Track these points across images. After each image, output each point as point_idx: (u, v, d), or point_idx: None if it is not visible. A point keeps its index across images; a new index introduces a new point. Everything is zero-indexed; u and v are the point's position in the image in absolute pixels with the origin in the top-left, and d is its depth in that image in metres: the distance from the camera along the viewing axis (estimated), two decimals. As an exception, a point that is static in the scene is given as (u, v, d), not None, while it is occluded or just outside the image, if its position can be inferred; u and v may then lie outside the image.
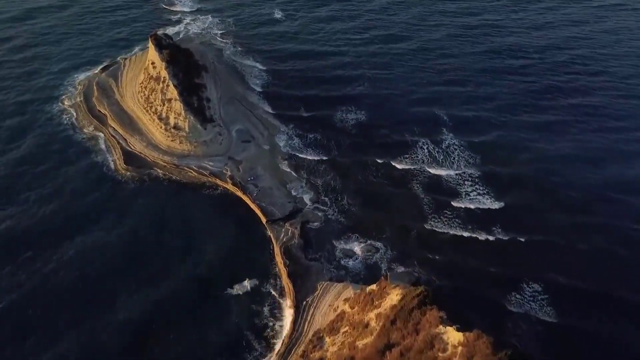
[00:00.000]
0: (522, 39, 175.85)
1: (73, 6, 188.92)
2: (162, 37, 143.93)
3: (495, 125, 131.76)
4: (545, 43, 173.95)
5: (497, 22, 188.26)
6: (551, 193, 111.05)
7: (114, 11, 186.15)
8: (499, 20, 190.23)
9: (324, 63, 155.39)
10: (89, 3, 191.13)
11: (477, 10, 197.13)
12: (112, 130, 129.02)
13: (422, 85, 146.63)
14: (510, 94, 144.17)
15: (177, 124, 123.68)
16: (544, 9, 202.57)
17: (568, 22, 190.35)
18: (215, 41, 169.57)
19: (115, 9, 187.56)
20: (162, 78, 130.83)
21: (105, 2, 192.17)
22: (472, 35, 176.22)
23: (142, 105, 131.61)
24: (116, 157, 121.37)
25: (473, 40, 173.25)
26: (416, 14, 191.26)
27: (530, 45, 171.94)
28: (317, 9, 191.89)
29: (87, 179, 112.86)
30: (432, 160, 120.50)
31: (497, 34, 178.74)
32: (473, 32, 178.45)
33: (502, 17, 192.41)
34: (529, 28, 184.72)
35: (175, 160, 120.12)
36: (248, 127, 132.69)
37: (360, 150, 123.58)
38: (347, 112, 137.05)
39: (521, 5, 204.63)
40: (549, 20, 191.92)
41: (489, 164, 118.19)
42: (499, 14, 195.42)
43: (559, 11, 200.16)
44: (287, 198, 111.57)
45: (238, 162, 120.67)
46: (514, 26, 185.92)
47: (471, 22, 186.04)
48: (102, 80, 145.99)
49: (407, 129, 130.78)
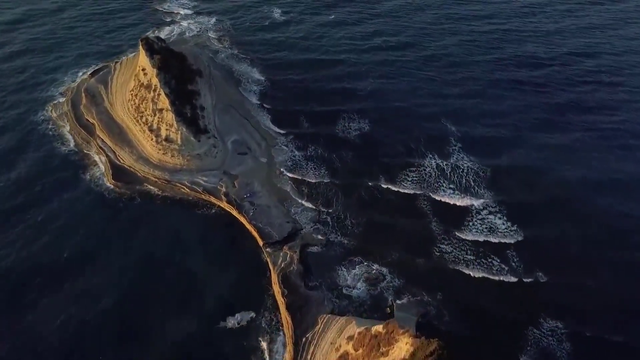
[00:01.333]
0: (537, 46, 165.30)
1: (64, 7, 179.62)
2: (153, 41, 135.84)
3: (508, 143, 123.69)
4: (562, 50, 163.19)
5: (510, 27, 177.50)
6: (572, 223, 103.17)
7: (105, 11, 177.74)
8: (512, 25, 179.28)
9: (326, 69, 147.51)
10: (80, 3, 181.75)
11: (488, 14, 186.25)
12: (101, 142, 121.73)
13: (429, 95, 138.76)
14: (525, 108, 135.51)
15: (169, 136, 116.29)
16: (560, 12, 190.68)
17: (587, 28, 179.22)
18: (211, 43, 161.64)
19: (108, 9, 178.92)
20: (153, 86, 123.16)
21: (97, 3, 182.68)
22: (483, 41, 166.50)
23: (133, 115, 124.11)
24: (104, 172, 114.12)
25: (484, 47, 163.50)
26: (425, 18, 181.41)
27: (546, 53, 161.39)
28: (319, 12, 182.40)
29: (71, 199, 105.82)
30: (440, 179, 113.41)
31: (510, 41, 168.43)
32: (484, 38, 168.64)
33: (515, 22, 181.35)
34: (545, 34, 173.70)
35: (167, 175, 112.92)
36: (244, 137, 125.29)
37: (364, 164, 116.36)
38: (350, 121, 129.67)
39: (535, 9, 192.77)
40: (566, 25, 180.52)
41: (502, 187, 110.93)
42: (512, 18, 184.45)
43: (577, 15, 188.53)
44: (286, 217, 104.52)
45: (233, 177, 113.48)
46: (528, 31, 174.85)
47: (482, 27, 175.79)
48: (91, 86, 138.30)
49: (413, 142, 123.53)
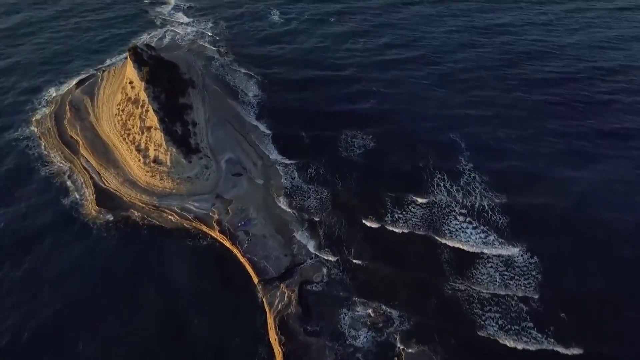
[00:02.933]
0: (545, 47, 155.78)
1: (49, 9, 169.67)
2: (142, 51, 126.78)
3: (521, 155, 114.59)
4: (570, 53, 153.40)
5: (517, 26, 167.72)
6: (594, 247, 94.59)
7: (95, 15, 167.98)
8: (519, 24, 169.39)
9: (328, 79, 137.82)
10: (67, 6, 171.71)
11: (494, 15, 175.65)
12: (85, 161, 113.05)
13: (437, 111, 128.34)
14: (534, 114, 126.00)
15: (158, 157, 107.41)
16: (567, 12, 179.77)
17: (594, 27, 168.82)
18: (206, 49, 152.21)
19: (97, 12, 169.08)
20: (141, 101, 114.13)
21: (86, 6, 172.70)
22: (489, 44, 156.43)
23: (119, 132, 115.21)
24: (88, 195, 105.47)
25: (491, 49, 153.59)
26: (428, 19, 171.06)
27: (555, 55, 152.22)
28: (319, 14, 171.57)
29: (49, 229, 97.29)
30: (450, 200, 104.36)
31: (517, 42, 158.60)
32: (491, 40, 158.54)
33: (522, 21, 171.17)
34: (552, 33, 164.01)
35: (155, 200, 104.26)
36: (240, 155, 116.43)
37: (368, 187, 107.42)
38: (353, 137, 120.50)
39: (541, 8, 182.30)
40: (573, 25, 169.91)
41: (517, 207, 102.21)
42: (519, 17, 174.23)
43: (584, 15, 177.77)
44: (283, 249, 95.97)
45: (227, 201, 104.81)
46: (537, 32, 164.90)
47: (488, 28, 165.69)
48: (76, 98, 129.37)
49: (420, 159, 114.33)
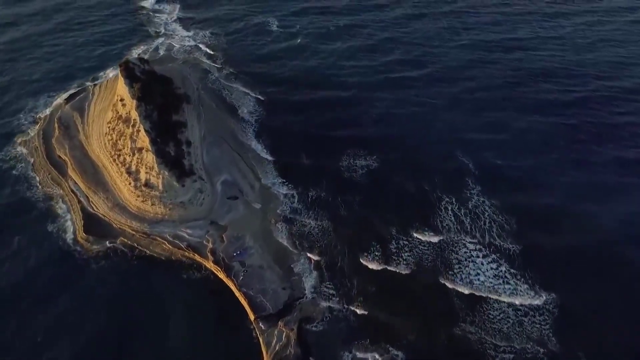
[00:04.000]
0: (559, 64, 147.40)
1: (41, 20, 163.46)
2: (135, 65, 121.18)
3: (534, 183, 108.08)
4: (587, 70, 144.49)
5: (530, 42, 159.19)
6: (616, 285, 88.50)
7: (88, 24, 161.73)
8: (532, 39, 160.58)
9: (328, 93, 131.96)
10: (61, 17, 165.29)
11: (504, 28, 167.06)
12: (73, 184, 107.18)
13: (443, 127, 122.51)
14: (549, 139, 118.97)
15: (149, 180, 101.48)
16: (582, 25, 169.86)
17: (612, 42, 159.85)
18: (203, 61, 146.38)
19: (90, 22, 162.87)
20: (132, 120, 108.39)
21: (79, 15, 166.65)
22: (500, 60, 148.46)
23: (109, 153, 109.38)
24: (75, 222, 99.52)
25: (502, 66, 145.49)
26: (436, 32, 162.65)
27: (570, 72, 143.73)
28: (321, 25, 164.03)
29: (32, 260, 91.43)
30: (459, 230, 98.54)
31: (531, 58, 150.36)
32: (502, 56, 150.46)
33: (535, 36, 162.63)
34: (566, 49, 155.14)
35: (147, 227, 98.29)
36: (236, 177, 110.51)
37: (373, 211, 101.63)
38: (355, 157, 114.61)
39: (554, 21, 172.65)
40: (589, 40, 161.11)
41: (530, 238, 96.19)
42: (532, 32, 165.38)
43: (601, 28, 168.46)
44: (282, 282, 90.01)
45: (222, 228, 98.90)
46: (550, 47, 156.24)
47: (499, 43, 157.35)
48: (65, 114, 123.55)
49: (427, 181, 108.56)
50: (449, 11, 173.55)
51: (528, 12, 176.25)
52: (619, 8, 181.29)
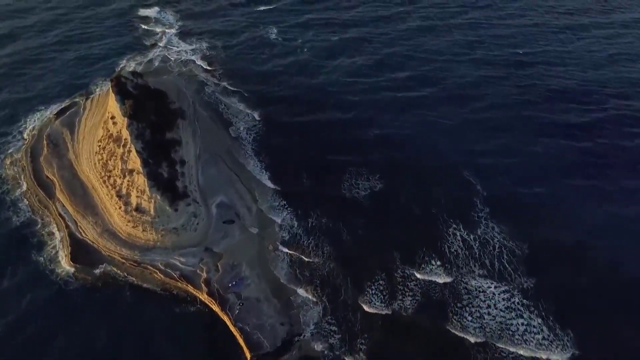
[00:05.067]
0: (575, 81, 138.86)
1: (32, 29, 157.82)
2: (127, 79, 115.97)
3: (546, 209, 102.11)
4: (605, 89, 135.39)
5: (543, 56, 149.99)
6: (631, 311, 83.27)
7: (83, 34, 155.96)
8: (545, 53, 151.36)
9: (330, 108, 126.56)
10: (55, 25, 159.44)
11: (519, 42, 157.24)
12: (61, 207, 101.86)
13: (449, 144, 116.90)
14: (562, 162, 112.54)
15: (140, 205, 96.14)
16: (602, 39, 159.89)
17: (632, 57, 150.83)
18: (199, 73, 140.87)
19: (85, 32, 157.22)
20: (123, 140, 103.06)
21: (74, 25, 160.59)
22: (513, 76, 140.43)
23: (99, 173, 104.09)
24: (62, 249, 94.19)
25: (514, 82, 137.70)
26: (444, 46, 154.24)
27: (586, 90, 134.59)
28: (324, 38, 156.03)
29: (16, 291, 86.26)
30: (468, 257, 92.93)
31: (544, 74, 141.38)
32: (515, 72, 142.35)
33: (549, 50, 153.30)
34: (583, 65, 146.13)
35: (137, 254, 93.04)
36: (232, 198, 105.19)
37: (377, 239, 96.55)
38: (358, 177, 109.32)
39: (570, 33, 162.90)
40: (606, 53, 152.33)
41: (543, 266, 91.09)
42: (546, 46, 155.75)
43: (619, 41, 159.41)
44: (280, 316, 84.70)
45: (217, 255, 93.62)
46: (566, 63, 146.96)
47: (512, 57, 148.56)
48: (54, 131, 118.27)
49: (433, 206, 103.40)
50: (458, 24, 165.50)
51: (542, 23, 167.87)
52: (636, 20, 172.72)
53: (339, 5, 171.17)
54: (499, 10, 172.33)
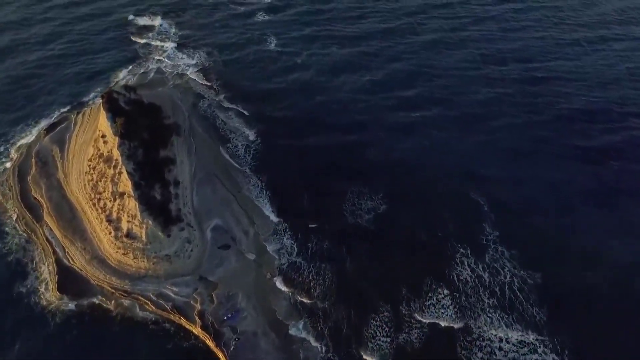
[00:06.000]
0: (593, 98, 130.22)
1: (23, 39, 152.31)
2: (119, 95, 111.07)
3: (559, 241, 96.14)
4: (628, 108, 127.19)
5: (561, 70, 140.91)
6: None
7: (76, 45, 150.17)
8: (563, 68, 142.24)
9: (331, 125, 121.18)
10: (46, 38, 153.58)
11: (533, 55, 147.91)
12: (48, 231, 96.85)
13: (455, 164, 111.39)
14: (577, 185, 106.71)
15: (131, 230, 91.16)
16: (620, 52, 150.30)
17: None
18: (195, 85, 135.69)
19: (79, 42, 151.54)
20: (113, 160, 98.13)
21: (68, 35, 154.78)
22: (525, 92, 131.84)
23: (89, 195, 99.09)
24: (49, 277, 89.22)
25: (526, 100, 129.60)
26: (453, 60, 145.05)
27: (606, 108, 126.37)
28: (326, 51, 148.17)
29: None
30: (477, 289, 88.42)
31: (561, 91, 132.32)
32: (529, 88, 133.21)
33: (566, 63, 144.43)
34: (603, 81, 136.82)
35: (128, 284, 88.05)
36: (229, 221, 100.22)
37: (381, 267, 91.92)
38: (360, 197, 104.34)
39: (588, 46, 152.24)
40: (629, 66, 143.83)
41: (557, 296, 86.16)
42: (563, 59, 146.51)
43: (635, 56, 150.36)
44: (278, 352, 79.90)
45: (212, 285, 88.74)
46: (583, 78, 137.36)
47: (528, 73, 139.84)
48: (43, 148, 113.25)
49: (439, 227, 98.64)
50: (467, 36, 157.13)
51: (555, 36, 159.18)
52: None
53: (343, 17, 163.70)
54: (509, 22, 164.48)
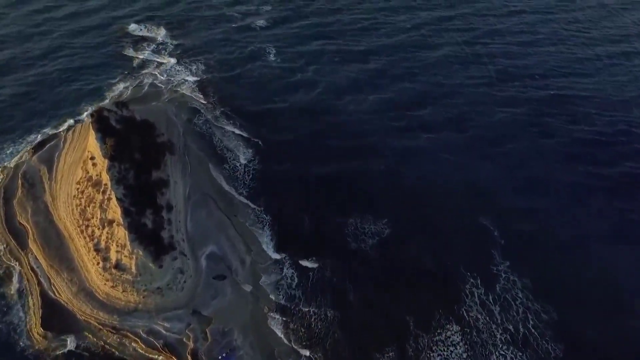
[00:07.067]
0: (615, 118, 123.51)
1: (14, 57, 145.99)
2: (110, 112, 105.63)
3: (575, 268, 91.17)
4: None
5: (581, 89, 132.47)
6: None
7: (66, 56, 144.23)
8: (582, 85, 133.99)
9: (334, 143, 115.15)
10: (36, 46, 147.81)
11: (559, 72, 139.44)
12: (33, 259, 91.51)
13: (463, 183, 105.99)
14: (595, 204, 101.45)
15: (120, 261, 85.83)
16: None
17: None
18: (191, 98, 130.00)
19: (69, 53, 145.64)
20: (102, 185, 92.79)
21: (56, 45, 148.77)
22: (544, 114, 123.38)
23: (77, 221, 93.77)
24: (33, 311, 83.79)
25: (547, 126, 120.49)
26: (468, 77, 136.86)
27: (628, 131, 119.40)
28: (331, 65, 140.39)
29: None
30: (489, 324, 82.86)
31: (580, 110, 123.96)
32: (548, 110, 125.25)
33: (588, 81, 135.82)
34: (628, 102, 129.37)
35: (116, 319, 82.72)
36: (224, 248, 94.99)
37: (387, 298, 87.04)
38: (364, 222, 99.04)
39: (613, 61, 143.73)
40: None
41: (574, 332, 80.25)
42: (587, 77, 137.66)
43: None
44: (277, 397, 74.12)
45: (206, 320, 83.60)
46: (607, 98, 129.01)
47: (545, 91, 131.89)
48: (31, 168, 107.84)
49: (447, 254, 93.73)
50: (480, 53, 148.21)
51: (578, 51, 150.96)
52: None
53: (349, 31, 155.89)
54: (524, 35, 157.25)
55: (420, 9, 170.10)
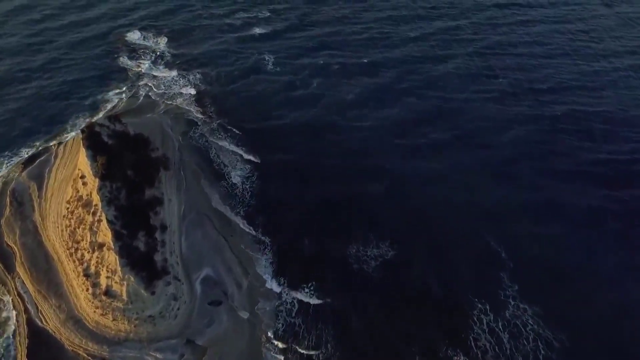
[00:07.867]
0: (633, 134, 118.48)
1: (6, 69, 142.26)
2: (101, 128, 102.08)
3: (589, 293, 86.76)
4: None
5: (607, 109, 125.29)
6: None
7: (59, 66, 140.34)
8: (609, 103, 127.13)
9: (335, 159, 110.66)
10: (30, 63, 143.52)
11: (578, 88, 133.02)
12: (20, 284, 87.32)
13: (469, 203, 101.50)
14: (606, 223, 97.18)
15: (111, 288, 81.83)
16: None
17: None
18: (188, 109, 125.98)
19: (62, 62, 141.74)
20: (93, 206, 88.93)
21: (48, 54, 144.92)
22: (561, 132, 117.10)
23: (66, 243, 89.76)
24: (19, 342, 79.64)
25: (564, 147, 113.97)
26: (480, 92, 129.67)
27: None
28: (334, 79, 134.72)
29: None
30: (498, 356, 78.25)
31: (607, 137, 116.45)
32: (566, 129, 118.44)
33: (615, 100, 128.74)
34: None
35: (106, 349, 78.61)
36: (220, 271, 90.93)
37: (391, 326, 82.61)
38: (366, 243, 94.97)
39: (638, 75, 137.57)
40: None
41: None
42: (610, 92, 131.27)
43: None
44: None
45: (200, 350, 79.56)
46: (634, 118, 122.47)
47: (569, 108, 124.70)
48: (20, 185, 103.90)
49: (454, 281, 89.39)
50: (493, 66, 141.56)
51: (597, 64, 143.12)
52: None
53: (354, 42, 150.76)
54: (540, 46, 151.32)
55: (428, 18, 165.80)
